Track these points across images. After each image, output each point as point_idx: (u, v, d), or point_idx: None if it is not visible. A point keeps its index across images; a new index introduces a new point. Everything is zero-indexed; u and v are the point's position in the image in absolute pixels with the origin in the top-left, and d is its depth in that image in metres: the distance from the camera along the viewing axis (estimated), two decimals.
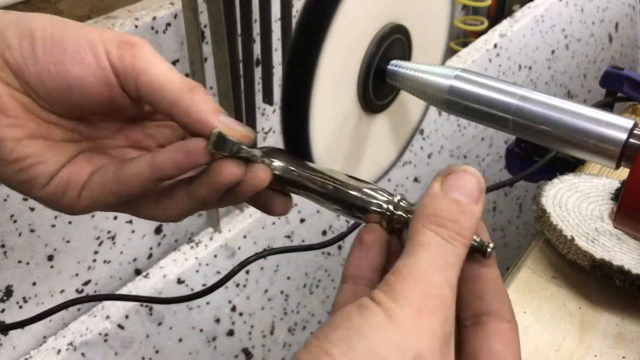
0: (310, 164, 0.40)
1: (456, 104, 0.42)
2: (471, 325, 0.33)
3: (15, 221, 0.69)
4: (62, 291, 0.77)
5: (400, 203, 0.36)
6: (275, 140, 0.98)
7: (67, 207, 0.39)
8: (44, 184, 0.37)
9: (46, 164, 0.37)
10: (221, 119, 0.36)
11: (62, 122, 0.38)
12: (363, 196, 0.36)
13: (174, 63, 0.79)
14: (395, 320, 0.28)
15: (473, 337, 0.32)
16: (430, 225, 0.31)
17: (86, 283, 0.80)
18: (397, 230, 0.36)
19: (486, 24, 1.41)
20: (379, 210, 0.36)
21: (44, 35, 0.36)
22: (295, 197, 0.41)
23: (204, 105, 0.36)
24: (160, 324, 0.85)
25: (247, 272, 0.95)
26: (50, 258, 0.74)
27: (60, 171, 0.38)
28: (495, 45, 1.22)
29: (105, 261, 0.80)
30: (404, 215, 0.35)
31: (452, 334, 0.29)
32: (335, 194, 0.37)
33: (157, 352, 0.86)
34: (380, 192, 0.36)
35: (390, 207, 0.35)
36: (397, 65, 0.44)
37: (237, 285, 0.95)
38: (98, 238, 0.78)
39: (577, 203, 0.71)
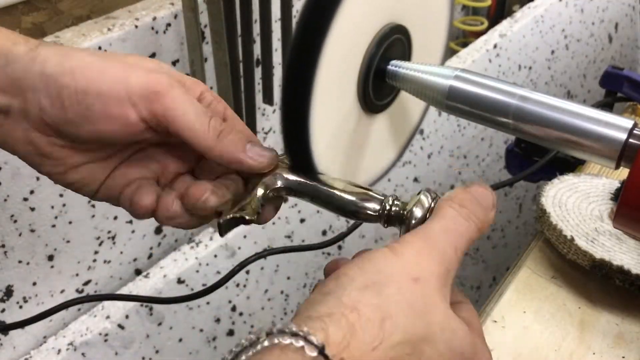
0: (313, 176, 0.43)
1: (456, 104, 0.42)
2: None
3: (15, 221, 0.69)
4: (62, 291, 0.77)
5: (395, 202, 0.40)
6: (276, 140, 0.98)
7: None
8: (94, 193, 0.44)
9: (89, 185, 0.43)
10: (249, 155, 0.40)
11: (98, 150, 0.42)
12: (357, 202, 0.41)
13: (174, 63, 0.79)
14: (397, 253, 0.35)
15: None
16: (451, 203, 0.38)
17: (86, 283, 0.80)
18: (397, 222, 0.40)
19: (486, 24, 1.41)
20: (373, 214, 0.40)
21: (71, 97, 0.38)
22: (295, 198, 0.42)
23: (233, 147, 0.40)
24: (160, 324, 0.85)
25: (247, 272, 0.95)
26: (51, 258, 0.74)
27: (104, 184, 0.44)
28: (495, 46, 1.22)
29: (105, 261, 0.80)
30: (399, 211, 0.40)
31: (449, 285, 0.35)
32: (334, 202, 0.41)
33: (157, 352, 0.86)
34: (374, 196, 0.41)
35: (386, 207, 0.40)
36: (397, 66, 0.44)
37: (237, 285, 0.95)
38: (98, 238, 0.78)
39: (577, 203, 0.71)
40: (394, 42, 0.44)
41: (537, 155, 0.88)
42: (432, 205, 0.39)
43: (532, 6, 1.34)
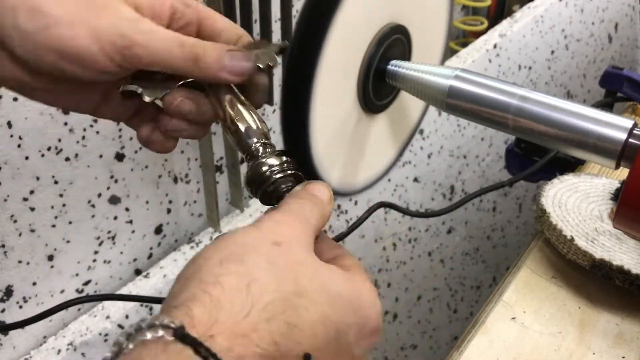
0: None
1: (456, 104, 0.42)
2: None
3: (15, 221, 0.69)
4: (62, 291, 0.77)
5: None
6: (276, 140, 0.98)
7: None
8: (93, 113, 0.43)
9: (85, 108, 0.43)
10: (228, 70, 0.40)
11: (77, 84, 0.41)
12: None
13: None
14: (256, 226, 0.35)
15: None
16: (301, 195, 0.39)
17: (86, 283, 0.80)
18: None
19: (486, 24, 1.41)
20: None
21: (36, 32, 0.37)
22: None
23: (212, 68, 0.39)
24: None
25: None
26: (51, 258, 0.74)
27: (99, 108, 0.43)
28: (495, 46, 1.22)
29: (105, 261, 0.80)
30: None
31: (312, 243, 0.36)
32: None
33: None
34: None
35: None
36: (396, 66, 0.44)
37: None
38: (98, 238, 0.78)
39: (577, 203, 0.72)
40: (393, 42, 0.44)
41: (537, 155, 0.88)
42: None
43: (532, 6, 1.34)
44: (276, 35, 0.85)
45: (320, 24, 0.38)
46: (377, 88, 0.44)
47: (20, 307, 0.73)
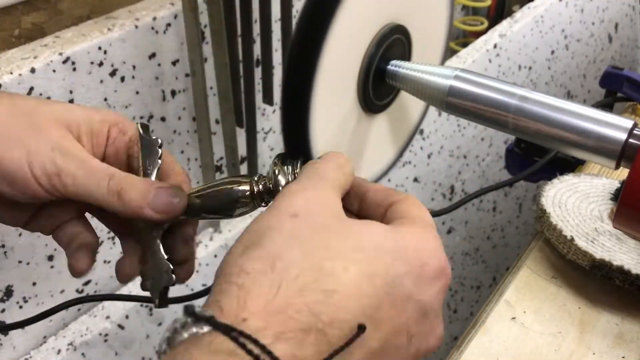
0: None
1: (456, 104, 0.42)
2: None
3: None
4: (62, 291, 0.77)
5: (260, 178, 0.40)
6: (276, 140, 0.98)
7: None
8: (24, 226, 0.44)
9: (15, 224, 0.44)
10: (152, 207, 0.39)
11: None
12: (233, 190, 0.41)
13: (174, 63, 0.79)
14: (275, 202, 0.34)
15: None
16: (313, 161, 0.38)
17: (86, 283, 0.80)
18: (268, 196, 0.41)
19: (486, 24, 1.41)
20: (247, 198, 0.41)
21: None
22: None
23: (135, 202, 0.39)
24: (160, 324, 0.85)
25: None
26: (51, 258, 0.74)
27: (29, 224, 0.44)
28: (495, 46, 1.22)
29: (105, 261, 0.80)
30: (267, 185, 0.40)
31: (339, 209, 0.34)
32: (219, 202, 0.41)
33: None
34: (240, 180, 0.41)
35: (254, 187, 0.40)
36: (397, 66, 0.44)
37: None
38: (98, 238, 0.78)
39: (577, 203, 0.71)
40: (394, 42, 0.44)
41: (537, 155, 0.88)
42: (294, 168, 0.40)
43: (532, 6, 1.34)
44: (276, 35, 0.85)
45: (320, 24, 0.38)
46: (377, 88, 0.44)
47: (21, 307, 0.73)
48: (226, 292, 0.29)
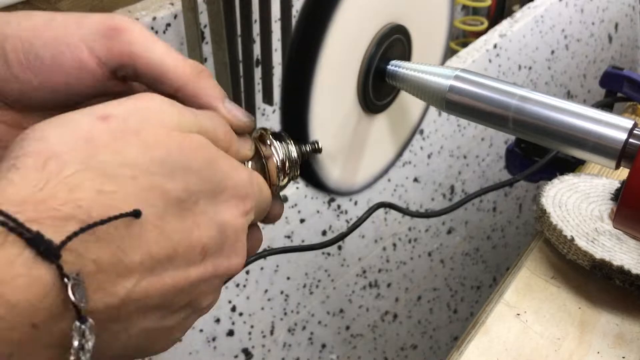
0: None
1: (456, 104, 0.42)
2: None
3: None
4: None
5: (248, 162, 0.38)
6: None
7: None
8: None
9: None
10: (226, 106, 0.36)
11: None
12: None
13: None
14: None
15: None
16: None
17: None
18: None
19: (486, 24, 1.41)
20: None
21: (15, 48, 0.33)
22: (295, 198, 0.42)
23: (211, 91, 0.36)
24: None
25: (247, 272, 0.95)
26: None
27: None
28: (495, 46, 1.22)
29: None
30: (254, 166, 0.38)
31: (163, 118, 0.31)
32: None
33: None
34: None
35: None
36: (396, 66, 0.44)
37: (237, 285, 0.95)
38: None
39: (577, 203, 0.71)
40: (393, 42, 0.44)
41: (537, 156, 0.88)
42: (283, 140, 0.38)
43: (532, 6, 1.34)
44: (276, 35, 0.85)
45: (320, 24, 0.38)
46: (377, 88, 0.44)
47: None
48: None
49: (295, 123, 0.40)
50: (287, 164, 0.38)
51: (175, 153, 0.30)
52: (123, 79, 0.35)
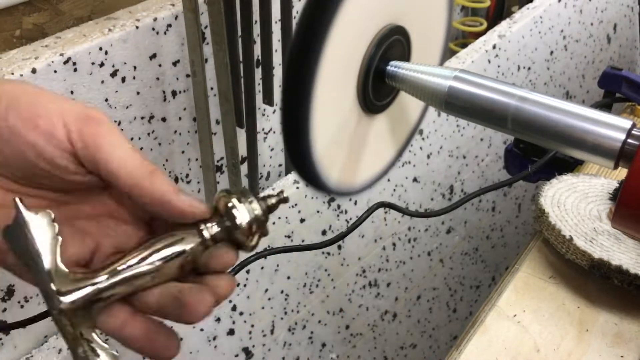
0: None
1: (455, 104, 0.43)
2: None
3: None
4: None
5: (212, 228, 0.37)
6: (276, 140, 0.99)
7: None
8: None
9: None
10: (182, 198, 0.37)
11: (32, 191, 0.38)
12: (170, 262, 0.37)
13: (174, 64, 0.80)
14: None
15: None
16: None
17: None
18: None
19: (485, 25, 1.42)
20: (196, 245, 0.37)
21: None
22: (295, 198, 0.42)
23: (166, 186, 0.37)
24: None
25: (247, 271, 0.96)
26: None
27: None
28: (494, 46, 1.22)
29: None
30: (224, 223, 0.37)
31: None
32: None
33: None
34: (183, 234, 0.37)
35: (206, 237, 0.37)
36: (396, 66, 0.44)
37: (238, 284, 0.95)
38: None
39: (576, 203, 0.72)
40: (393, 43, 0.44)
41: (536, 156, 0.88)
42: (247, 198, 0.37)
43: (531, 7, 1.34)
44: (276, 36, 0.85)
45: (320, 24, 0.38)
46: (376, 88, 0.45)
47: (22, 306, 0.73)
48: None
49: (296, 124, 0.40)
50: (253, 227, 0.37)
51: None
52: (83, 166, 0.36)
